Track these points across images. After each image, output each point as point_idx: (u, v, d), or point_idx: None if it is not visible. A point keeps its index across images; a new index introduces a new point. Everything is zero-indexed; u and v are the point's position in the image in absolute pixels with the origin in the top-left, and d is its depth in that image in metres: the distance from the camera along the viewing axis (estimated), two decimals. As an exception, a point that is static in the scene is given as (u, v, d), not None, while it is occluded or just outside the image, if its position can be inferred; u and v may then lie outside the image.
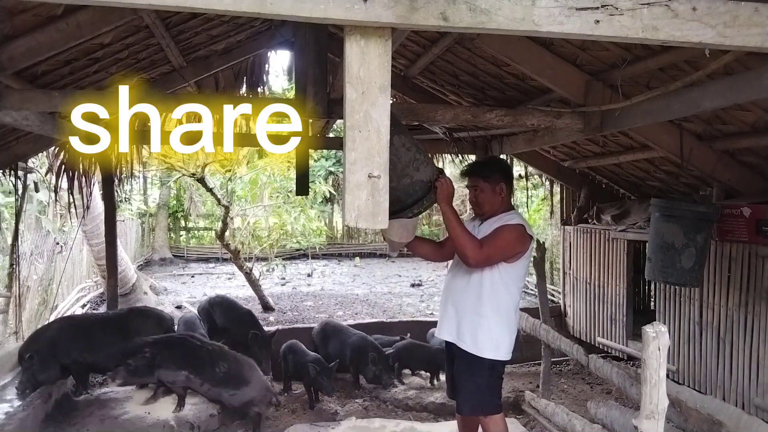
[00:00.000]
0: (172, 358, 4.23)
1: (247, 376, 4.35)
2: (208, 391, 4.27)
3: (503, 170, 3.25)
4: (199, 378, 4.21)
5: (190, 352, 4.31)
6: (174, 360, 4.22)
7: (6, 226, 7.43)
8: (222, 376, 4.23)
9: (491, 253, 2.96)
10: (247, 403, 4.29)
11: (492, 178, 3.14)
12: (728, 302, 4.38)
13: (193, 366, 4.22)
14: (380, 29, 1.67)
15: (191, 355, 4.28)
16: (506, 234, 3.00)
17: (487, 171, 3.20)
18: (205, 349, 4.37)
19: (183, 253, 16.39)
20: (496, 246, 2.97)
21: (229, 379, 4.24)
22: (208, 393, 4.29)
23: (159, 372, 4.19)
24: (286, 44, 5.28)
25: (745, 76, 2.64)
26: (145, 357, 4.13)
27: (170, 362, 4.20)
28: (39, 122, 3.90)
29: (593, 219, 6.37)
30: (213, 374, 4.23)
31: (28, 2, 2.77)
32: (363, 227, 1.76)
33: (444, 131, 5.74)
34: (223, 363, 4.29)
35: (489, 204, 3.15)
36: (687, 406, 3.29)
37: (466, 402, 3.19)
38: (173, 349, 4.29)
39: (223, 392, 4.23)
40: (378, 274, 13.75)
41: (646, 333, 1.91)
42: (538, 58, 3.73)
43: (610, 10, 1.72)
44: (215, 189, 8.74)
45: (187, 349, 4.33)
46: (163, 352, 4.23)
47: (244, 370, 4.38)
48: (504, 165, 3.39)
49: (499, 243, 2.98)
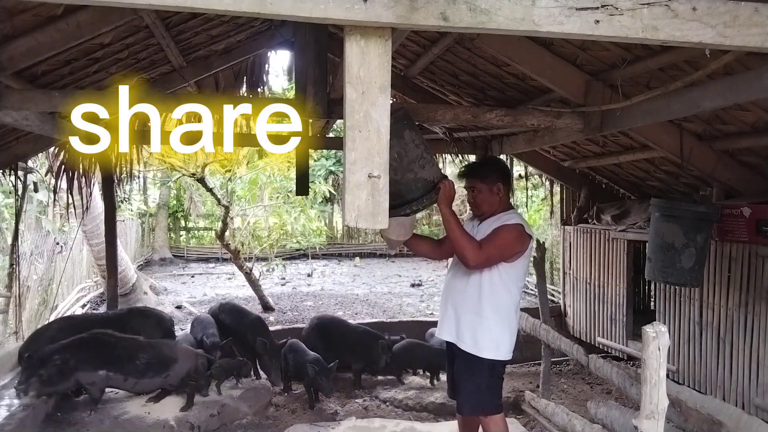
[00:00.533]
0: (88, 359, 4.09)
1: (172, 354, 4.34)
2: (135, 386, 4.18)
3: (500, 170, 3.25)
4: (121, 374, 4.12)
5: (105, 350, 4.19)
6: (89, 361, 4.09)
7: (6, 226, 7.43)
8: (144, 367, 4.17)
9: (490, 253, 2.97)
10: (185, 377, 4.31)
11: (489, 178, 3.15)
12: (728, 302, 4.38)
13: (111, 363, 4.11)
14: (380, 29, 1.67)
15: (107, 353, 4.16)
16: (505, 234, 3.00)
17: (484, 171, 3.21)
18: (121, 345, 4.26)
19: (183, 253, 16.39)
20: (495, 246, 2.97)
21: (154, 366, 4.19)
22: (136, 387, 4.19)
23: (77, 375, 4.04)
24: (286, 44, 5.28)
25: (745, 76, 2.64)
26: (56, 365, 3.97)
27: (86, 363, 4.06)
28: (39, 122, 3.90)
29: (593, 219, 6.37)
30: (134, 368, 4.14)
31: (28, 2, 2.77)
32: (363, 227, 1.76)
33: (444, 131, 5.74)
34: (141, 354, 4.21)
35: (487, 204, 3.16)
36: (687, 406, 3.29)
37: (466, 402, 3.19)
38: (87, 350, 4.14)
39: (156, 380, 4.19)
40: (378, 274, 13.75)
41: (646, 333, 1.91)
42: (538, 58, 3.73)
43: (610, 10, 1.72)
44: (215, 189, 8.74)
45: (102, 348, 4.20)
46: (77, 354, 4.07)
47: (165, 350, 4.37)
48: (501, 165, 3.39)
49: (498, 243, 2.98)
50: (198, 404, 4.49)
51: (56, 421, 4.12)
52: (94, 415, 4.21)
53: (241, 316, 5.50)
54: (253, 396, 4.89)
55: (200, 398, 4.58)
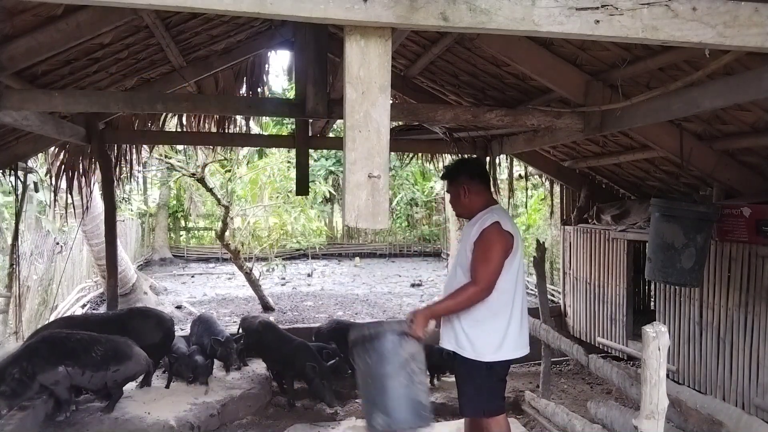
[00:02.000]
0: (44, 359, 4.04)
1: (127, 351, 4.34)
2: (91, 380, 4.15)
3: (466, 170, 3.18)
4: (78, 367, 4.09)
5: (59, 346, 4.16)
6: (46, 360, 4.04)
7: (6, 226, 7.43)
8: (101, 359, 4.17)
9: (485, 273, 2.93)
10: (130, 378, 4.31)
11: (455, 181, 3.15)
12: (728, 302, 4.38)
13: (68, 357, 4.09)
14: (380, 29, 1.67)
15: (62, 349, 4.14)
16: (483, 245, 2.96)
17: (450, 175, 3.20)
18: (75, 339, 4.25)
19: (183, 253, 16.41)
20: (483, 263, 2.94)
21: (109, 358, 4.20)
22: (92, 381, 4.16)
23: (38, 379, 3.98)
24: (286, 44, 5.28)
25: (745, 76, 2.64)
26: (15, 378, 3.90)
27: (44, 363, 4.02)
28: (39, 122, 3.90)
29: (593, 219, 6.37)
30: (91, 360, 4.13)
31: (28, 2, 2.77)
32: (363, 227, 1.76)
33: (444, 131, 5.74)
34: (97, 347, 4.22)
35: (460, 206, 3.17)
36: (687, 406, 3.28)
37: (467, 404, 3.19)
38: (41, 351, 4.10)
39: (107, 372, 4.18)
40: (378, 274, 13.76)
41: (646, 333, 1.91)
42: (538, 58, 3.73)
43: (610, 10, 1.72)
44: (215, 189, 8.75)
45: (56, 345, 4.17)
46: (31, 360, 4.02)
47: (122, 346, 4.37)
48: (466, 166, 3.28)
49: (483, 258, 2.94)
50: (198, 404, 4.49)
51: (56, 421, 4.12)
52: (94, 414, 4.21)
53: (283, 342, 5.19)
54: (253, 396, 4.89)
55: (200, 398, 4.59)
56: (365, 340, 2.77)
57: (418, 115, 3.88)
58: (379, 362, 2.74)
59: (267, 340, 5.22)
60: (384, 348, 2.73)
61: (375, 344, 2.74)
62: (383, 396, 2.71)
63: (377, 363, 2.73)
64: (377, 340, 2.74)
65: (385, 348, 2.73)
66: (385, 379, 2.72)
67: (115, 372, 4.23)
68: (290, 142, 6.26)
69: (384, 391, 2.72)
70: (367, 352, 2.75)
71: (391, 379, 2.71)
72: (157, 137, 6.20)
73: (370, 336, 2.76)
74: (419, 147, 6.56)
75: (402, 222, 18.63)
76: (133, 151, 6.30)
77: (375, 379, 2.74)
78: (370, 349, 2.75)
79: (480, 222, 3.03)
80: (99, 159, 5.63)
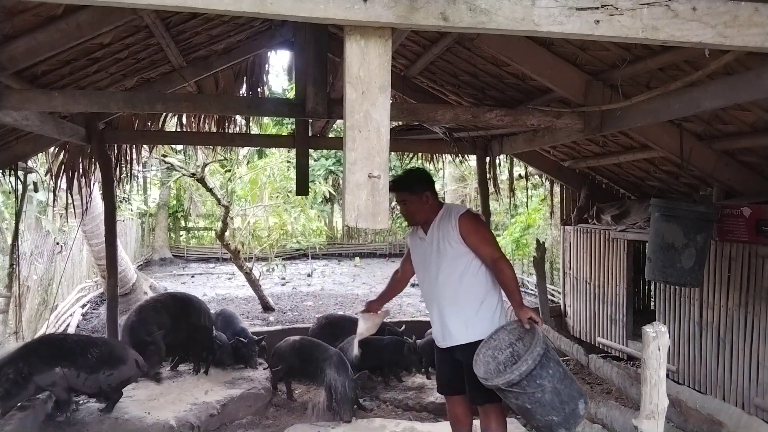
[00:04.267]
0: (40, 360, 4.03)
1: (122, 355, 4.35)
2: (85, 382, 4.14)
3: (425, 180, 3.40)
4: (74, 368, 4.09)
5: (55, 347, 4.16)
6: (43, 361, 4.03)
7: (6, 226, 7.42)
8: (96, 361, 4.17)
9: (495, 247, 3.24)
10: (125, 382, 4.30)
11: (417, 189, 3.30)
12: (728, 302, 4.38)
13: (64, 359, 4.08)
14: (380, 29, 1.67)
15: (58, 350, 4.14)
16: (473, 228, 3.21)
17: (410, 184, 3.34)
18: (71, 341, 4.27)
19: (183, 253, 16.40)
20: (485, 242, 3.22)
21: (104, 361, 4.20)
22: (86, 384, 4.15)
23: (34, 380, 3.96)
24: (286, 44, 5.28)
25: (745, 76, 2.64)
26: (9, 378, 3.87)
27: (40, 365, 4.01)
28: (39, 122, 3.90)
29: (593, 219, 6.37)
30: (87, 362, 4.13)
31: (28, 2, 2.77)
32: (363, 227, 1.76)
33: (444, 131, 5.74)
34: (93, 349, 4.21)
35: (420, 213, 3.33)
36: (687, 406, 3.29)
37: (478, 391, 3.18)
38: (37, 352, 4.08)
39: (100, 375, 4.16)
40: (378, 274, 13.75)
41: (646, 333, 1.92)
42: (538, 58, 3.73)
43: (610, 10, 1.72)
44: (215, 189, 8.74)
45: (52, 347, 4.18)
46: (28, 360, 3.99)
47: (117, 350, 4.38)
48: (425, 174, 3.52)
49: (482, 237, 3.23)
50: (198, 404, 4.49)
51: (56, 421, 4.12)
52: (95, 414, 4.21)
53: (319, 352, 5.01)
54: (253, 396, 4.89)
55: (200, 398, 4.59)
56: (532, 369, 2.80)
57: (418, 115, 3.88)
58: (548, 366, 2.84)
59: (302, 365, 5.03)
60: (539, 356, 2.82)
61: (541, 361, 2.82)
62: (571, 387, 2.90)
63: (547, 370, 2.83)
64: (534, 356, 2.80)
65: (539, 355, 2.82)
66: (560, 373, 2.88)
67: (108, 376, 4.22)
68: (290, 142, 6.26)
69: (570, 382, 2.92)
70: (540, 375, 2.81)
71: (560, 367, 2.91)
72: (157, 137, 6.20)
73: (529, 366, 2.78)
74: (419, 147, 6.58)
75: (402, 222, 18.62)
76: (133, 151, 6.29)
77: (563, 380, 2.86)
78: (544, 368, 2.82)
79: (449, 216, 3.25)
80: (99, 159, 5.62)
